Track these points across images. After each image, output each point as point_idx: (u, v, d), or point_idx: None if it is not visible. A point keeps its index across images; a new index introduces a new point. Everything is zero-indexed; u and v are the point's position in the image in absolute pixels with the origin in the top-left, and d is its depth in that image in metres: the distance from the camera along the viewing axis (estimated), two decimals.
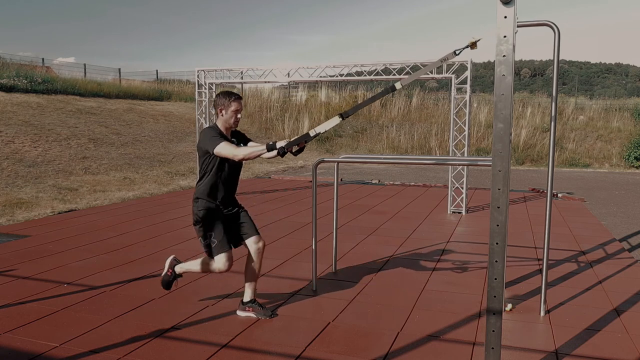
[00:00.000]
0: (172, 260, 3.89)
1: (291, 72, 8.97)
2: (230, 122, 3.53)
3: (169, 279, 3.85)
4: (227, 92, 3.55)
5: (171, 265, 3.86)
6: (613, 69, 66.86)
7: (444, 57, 2.82)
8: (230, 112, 3.51)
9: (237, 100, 3.53)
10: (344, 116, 3.12)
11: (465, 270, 4.96)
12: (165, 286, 3.88)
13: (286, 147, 3.28)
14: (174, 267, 3.85)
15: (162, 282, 3.88)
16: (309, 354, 3.14)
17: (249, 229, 3.70)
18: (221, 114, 3.53)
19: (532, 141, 18.66)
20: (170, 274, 3.84)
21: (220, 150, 3.37)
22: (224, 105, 3.50)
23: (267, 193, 10.03)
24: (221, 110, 3.52)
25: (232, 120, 3.53)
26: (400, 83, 2.99)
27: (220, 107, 3.52)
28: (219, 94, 3.58)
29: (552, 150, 3.68)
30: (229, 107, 3.50)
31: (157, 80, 26.89)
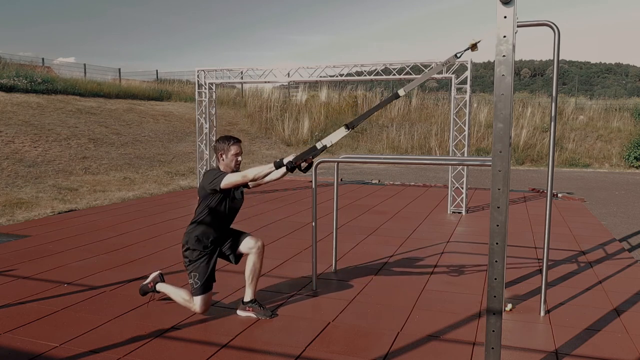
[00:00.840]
0: (157, 276, 3.95)
1: (291, 72, 8.97)
2: (231, 166, 3.59)
3: (147, 289, 3.93)
4: (225, 137, 3.64)
5: (154, 280, 3.93)
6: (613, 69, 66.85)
7: (445, 61, 2.83)
8: (230, 156, 3.58)
9: (236, 143, 3.61)
10: (350, 127, 3.13)
11: (465, 270, 4.96)
12: (142, 293, 3.95)
13: (294, 161, 3.29)
14: (156, 283, 3.92)
15: (140, 288, 3.96)
16: (309, 354, 3.14)
17: (241, 234, 3.76)
18: (222, 158, 3.60)
19: (532, 141, 18.67)
20: (151, 286, 3.92)
21: (229, 180, 3.43)
22: (224, 149, 3.58)
23: (267, 193, 10.03)
24: (221, 155, 3.59)
25: (232, 163, 3.59)
26: (403, 90, 2.99)
27: (220, 152, 3.59)
28: (218, 139, 3.66)
29: (552, 150, 3.68)
30: (229, 152, 3.57)
31: (157, 80, 26.88)
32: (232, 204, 3.65)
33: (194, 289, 3.61)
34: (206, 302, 3.64)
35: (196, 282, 3.59)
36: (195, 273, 3.59)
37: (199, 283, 3.59)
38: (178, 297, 3.73)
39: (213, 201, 3.55)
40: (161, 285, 3.89)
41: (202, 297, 3.61)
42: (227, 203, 3.60)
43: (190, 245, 3.61)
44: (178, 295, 3.74)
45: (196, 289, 3.60)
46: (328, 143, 3.19)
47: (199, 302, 3.61)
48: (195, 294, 3.61)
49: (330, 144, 3.20)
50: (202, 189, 3.59)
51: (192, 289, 3.62)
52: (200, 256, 3.60)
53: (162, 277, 3.98)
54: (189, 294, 3.67)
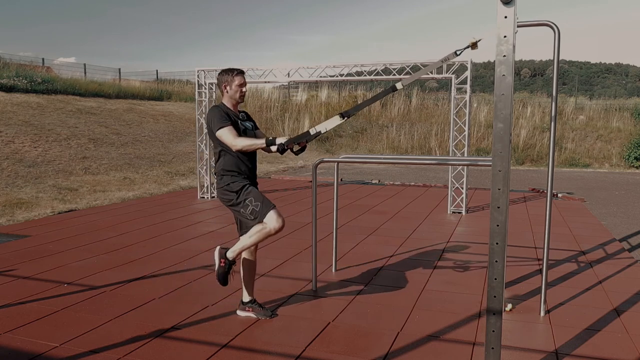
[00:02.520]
0: (221, 250, 3.56)
1: (291, 72, 8.97)
2: (236, 97, 3.53)
3: (223, 270, 3.51)
4: (228, 69, 3.54)
5: (221, 254, 3.53)
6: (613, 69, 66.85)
7: (444, 58, 2.83)
8: (234, 87, 3.51)
9: (240, 74, 3.53)
10: (345, 116, 3.13)
11: (465, 270, 4.96)
12: (222, 280, 3.52)
13: (286, 143, 3.28)
14: (225, 255, 3.52)
15: (218, 276, 3.53)
16: (309, 354, 3.14)
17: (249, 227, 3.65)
18: (226, 90, 3.52)
19: (532, 141, 18.66)
20: (223, 264, 3.50)
21: (222, 134, 3.36)
22: (228, 81, 3.50)
23: (267, 193, 10.03)
24: (225, 87, 3.52)
25: (237, 95, 3.52)
26: (401, 83, 3.00)
27: (224, 84, 3.52)
28: (221, 72, 3.56)
29: (552, 150, 3.68)
30: (233, 82, 3.50)
31: (157, 80, 26.88)
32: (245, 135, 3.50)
33: (259, 211, 3.35)
34: (280, 215, 3.36)
35: (257, 205, 3.36)
36: (250, 198, 3.38)
37: (260, 203, 3.37)
38: (253, 237, 3.40)
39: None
40: (230, 251, 3.51)
41: (273, 211, 3.35)
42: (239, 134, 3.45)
43: (227, 181, 3.43)
44: (251, 236, 3.41)
45: (261, 210, 3.35)
46: (322, 129, 3.19)
47: (273, 217, 3.33)
48: (263, 215, 3.34)
49: (324, 130, 3.20)
50: (208, 127, 3.47)
51: (257, 214, 3.35)
52: (243, 184, 3.42)
53: (225, 247, 3.58)
54: (258, 225, 3.37)
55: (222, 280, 3.53)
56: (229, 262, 3.51)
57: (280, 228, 3.36)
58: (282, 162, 15.82)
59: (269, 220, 3.34)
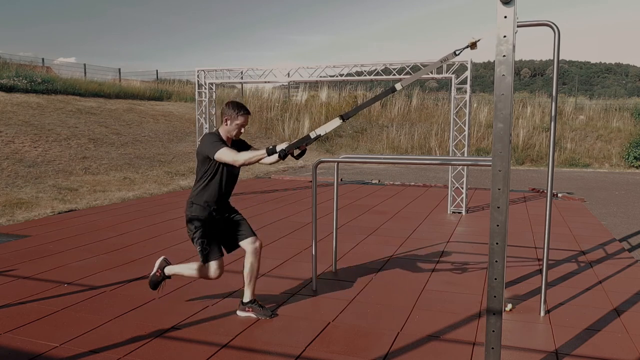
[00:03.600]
0: (162, 262, 3.86)
1: (291, 72, 8.97)
2: (232, 133, 3.57)
3: (157, 279, 3.82)
4: (237, 105, 3.57)
5: (161, 266, 3.83)
6: (613, 69, 66.84)
7: (444, 58, 2.83)
8: (234, 125, 3.54)
9: (245, 115, 3.56)
10: (345, 118, 3.14)
11: (465, 270, 4.96)
12: (153, 286, 3.84)
13: (287, 149, 3.29)
14: (164, 269, 3.82)
15: (150, 282, 3.85)
16: (309, 354, 3.14)
17: (244, 230, 3.72)
18: (225, 123, 3.56)
19: (532, 141, 18.66)
20: (159, 274, 3.81)
21: (221, 155, 3.39)
22: (231, 116, 3.54)
23: (267, 193, 10.03)
24: (226, 120, 3.55)
25: (234, 132, 3.57)
26: (400, 84, 3.00)
27: (226, 117, 3.55)
28: (228, 103, 3.59)
29: (552, 150, 3.68)
30: (235, 120, 3.54)
31: (157, 80, 26.88)
32: (230, 168, 3.57)
33: (205, 255, 3.53)
34: (220, 266, 3.55)
35: (205, 248, 3.51)
36: (203, 239, 3.52)
37: (208, 249, 3.51)
38: (191, 271, 3.64)
39: (211, 166, 3.50)
40: (169, 268, 3.80)
41: (216, 261, 3.53)
42: (224, 168, 3.53)
43: (194, 212, 3.54)
44: (190, 269, 3.65)
45: (207, 255, 3.52)
46: (322, 132, 3.20)
47: (214, 266, 3.52)
48: (207, 260, 3.53)
49: (324, 132, 3.20)
50: (199, 153, 3.53)
51: (203, 257, 3.54)
52: (205, 221, 3.53)
53: (168, 261, 3.88)
54: (199, 264, 3.59)
55: (153, 287, 3.85)
56: (164, 276, 3.82)
57: (214, 279, 3.62)
58: (282, 162, 15.80)
59: (210, 268, 3.57)
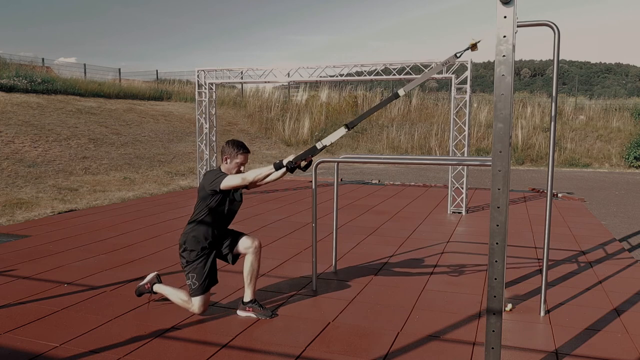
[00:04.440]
0: (154, 277, 3.93)
1: (291, 72, 8.97)
2: (232, 172, 3.62)
3: (144, 290, 3.91)
4: (236, 144, 3.62)
5: (151, 281, 3.91)
6: (613, 69, 66.82)
7: (445, 61, 2.83)
8: (234, 164, 3.60)
9: (244, 154, 3.62)
10: (350, 127, 3.17)
11: (465, 270, 4.96)
12: (138, 294, 3.93)
13: (294, 161, 3.32)
14: (153, 285, 3.90)
15: (137, 289, 3.94)
16: (309, 354, 3.14)
17: (238, 235, 3.77)
18: (225, 161, 3.62)
19: (532, 141, 18.66)
20: (148, 287, 3.90)
21: (229, 182, 3.45)
22: (230, 154, 3.59)
23: (267, 193, 10.03)
24: (226, 159, 3.61)
25: (234, 171, 3.62)
26: (403, 90, 3.00)
27: (226, 156, 3.61)
28: (229, 142, 3.65)
29: (552, 150, 3.68)
30: (234, 159, 3.60)
31: (157, 80, 26.88)
32: (231, 206, 3.66)
33: (192, 289, 3.60)
34: (205, 303, 3.64)
35: (194, 283, 3.59)
36: (193, 274, 3.59)
37: (197, 284, 3.59)
38: (176, 298, 3.74)
39: (212, 202, 3.55)
40: (158, 286, 3.88)
41: (201, 297, 3.61)
42: (226, 204, 3.61)
43: (188, 245, 3.61)
44: (176, 296, 3.74)
45: (194, 290, 3.60)
46: (328, 142, 3.23)
47: (198, 302, 3.61)
48: (193, 295, 3.61)
49: (330, 143, 3.24)
50: (202, 189, 3.59)
51: (190, 290, 3.62)
52: (198, 257, 3.60)
53: (159, 278, 3.97)
54: (187, 295, 3.67)
55: (138, 294, 3.94)
56: (151, 291, 3.90)
57: (199, 313, 3.66)
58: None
59: (194, 302, 3.63)
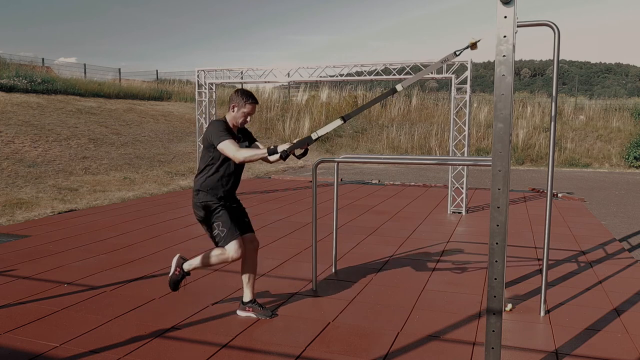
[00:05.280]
0: (179, 259, 3.77)
1: (291, 72, 8.97)
2: (238, 121, 3.56)
3: (177, 278, 3.73)
4: (245, 93, 3.55)
5: (178, 263, 3.74)
6: (613, 69, 66.82)
7: (444, 58, 2.82)
8: (241, 112, 3.53)
9: (252, 104, 3.55)
10: (346, 119, 3.15)
11: (465, 270, 4.96)
12: (173, 286, 3.75)
13: (288, 150, 3.30)
14: (182, 266, 3.73)
15: (170, 282, 3.75)
16: (309, 354, 3.14)
17: (246, 226, 3.71)
18: (232, 110, 3.54)
19: (532, 141, 18.66)
20: (178, 272, 3.72)
21: (224, 147, 3.37)
22: (238, 103, 3.52)
23: (267, 193, 10.03)
24: (233, 107, 3.53)
25: (240, 119, 3.55)
26: (401, 85, 3.00)
27: (234, 104, 3.53)
28: (237, 91, 3.56)
29: (552, 150, 3.68)
30: (242, 108, 3.53)
31: (157, 80, 26.89)
32: None
33: (222, 238, 3.46)
34: (240, 245, 3.47)
35: (222, 231, 3.46)
36: (218, 222, 3.47)
37: (225, 230, 3.46)
38: (210, 259, 3.55)
39: (217, 152, 3.46)
40: (188, 263, 3.71)
41: (234, 242, 3.45)
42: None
43: (201, 199, 3.50)
44: (209, 258, 3.55)
45: (225, 237, 3.46)
46: (322, 133, 3.21)
47: (232, 247, 3.44)
48: (225, 243, 3.45)
49: (325, 133, 3.22)
50: (205, 139, 3.51)
51: (220, 240, 3.47)
52: (216, 206, 3.50)
53: (184, 257, 3.79)
54: (218, 249, 3.51)
55: (173, 287, 3.77)
56: (183, 273, 3.74)
57: (237, 259, 3.51)
58: (282, 162, 15.80)
59: (229, 249, 3.48)
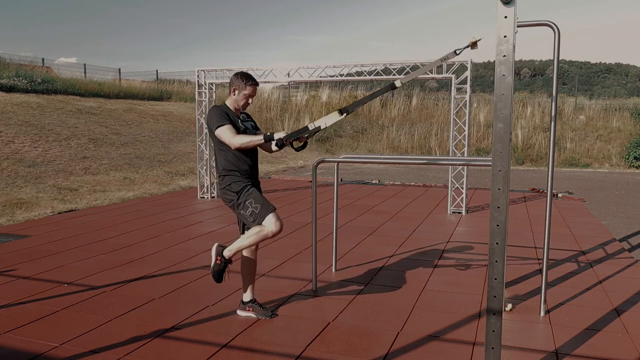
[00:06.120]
0: (218, 247, 3.56)
1: (291, 72, 8.97)
2: (239, 104, 3.54)
3: (219, 267, 3.51)
4: (245, 75, 3.52)
5: (218, 252, 3.53)
6: (613, 69, 66.80)
7: (444, 57, 2.82)
8: (242, 95, 3.51)
9: (253, 85, 3.52)
10: (344, 112, 3.13)
11: (465, 270, 4.96)
12: (217, 277, 3.53)
13: (284, 139, 3.28)
14: (222, 253, 3.53)
15: (213, 273, 3.53)
16: (309, 354, 3.14)
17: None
18: (233, 93, 3.53)
19: (531, 141, 18.66)
20: (219, 262, 3.51)
21: (220, 133, 3.38)
22: (239, 86, 3.50)
23: (267, 193, 10.03)
24: (234, 90, 3.52)
25: (242, 102, 3.53)
26: (400, 81, 3.00)
27: (234, 87, 3.51)
28: (237, 74, 3.54)
29: (552, 150, 3.68)
30: (243, 90, 3.50)
31: (157, 80, 26.89)
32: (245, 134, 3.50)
33: (258, 213, 3.39)
34: (278, 218, 3.40)
35: (256, 207, 3.40)
36: (250, 199, 3.42)
37: (259, 206, 3.40)
38: (250, 239, 3.43)
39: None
40: (228, 250, 3.52)
41: (272, 214, 3.39)
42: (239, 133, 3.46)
43: (228, 181, 3.46)
44: (248, 237, 3.44)
45: (260, 212, 3.39)
46: (322, 125, 3.19)
47: (271, 219, 3.37)
48: (262, 218, 3.38)
49: (324, 125, 3.19)
50: (207, 125, 3.51)
51: (256, 216, 3.39)
52: (244, 185, 3.46)
53: (222, 245, 3.59)
54: (256, 226, 3.41)
55: (217, 278, 3.55)
56: (225, 261, 3.53)
57: (278, 231, 3.40)
58: (282, 162, 15.82)
59: (267, 223, 3.38)
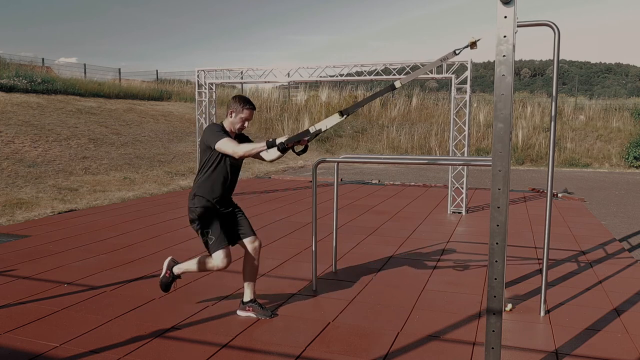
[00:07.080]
0: (170, 262, 3.84)
1: (291, 72, 8.97)
2: (235, 126, 3.58)
3: (167, 280, 3.79)
4: (243, 99, 3.58)
5: (169, 266, 3.81)
6: (613, 69, 66.78)
7: (444, 57, 2.82)
8: (238, 118, 3.56)
9: (250, 109, 3.57)
10: (344, 113, 3.13)
11: (465, 270, 4.96)
12: (164, 288, 3.82)
13: (286, 142, 3.29)
14: (172, 269, 3.80)
15: (161, 284, 3.81)
16: (309, 354, 3.14)
17: (245, 228, 3.72)
18: (230, 115, 3.58)
19: (531, 141, 18.66)
20: (168, 275, 3.79)
21: (222, 145, 3.39)
22: (236, 109, 3.55)
23: (267, 193, 10.03)
24: (231, 113, 3.57)
25: (238, 125, 3.58)
26: (400, 82, 3.00)
27: (231, 110, 3.56)
28: (235, 97, 3.60)
29: (552, 150, 3.68)
30: (239, 114, 3.55)
31: (157, 80, 26.89)
32: (232, 160, 3.56)
33: (211, 245, 3.52)
34: (227, 255, 3.52)
35: (211, 238, 3.51)
36: (208, 229, 3.52)
37: (214, 238, 3.51)
38: (199, 265, 3.63)
39: (212, 155, 3.50)
40: (178, 267, 3.78)
41: (222, 250, 3.50)
42: (227, 158, 3.54)
43: (196, 204, 3.54)
44: (198, 263, 3.64)
45: (213, 244, 3.51)
46: (323, 127, 3.20)
47: (220, 256, 3.50)
48: (213, 250, 3.51)
49: (324, 128, 3.21)
50: (202, 142, 3.55)
51: (210, 247, 3.53)
52: (209, 213, 3.54)
53: (175, 260, 3.86)
54: (207, 255, 3.60)
55: (164, 289, 3.83)
56: (174, 276, 3.81)
57: (223, 268, 3.57)
58: (282, 162, 15.81)
59: (215, 258, 3.54)
